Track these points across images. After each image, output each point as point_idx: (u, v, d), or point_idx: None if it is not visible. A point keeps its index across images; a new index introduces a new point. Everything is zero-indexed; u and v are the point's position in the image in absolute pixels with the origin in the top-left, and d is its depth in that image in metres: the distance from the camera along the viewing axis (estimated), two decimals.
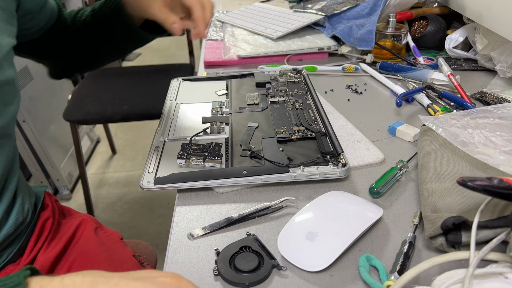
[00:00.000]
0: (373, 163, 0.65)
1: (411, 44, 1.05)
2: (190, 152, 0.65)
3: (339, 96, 0.88)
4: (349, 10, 1.12)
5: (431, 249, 0.50)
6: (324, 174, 0.60)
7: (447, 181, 0.53)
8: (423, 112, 0.81)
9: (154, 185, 0.60)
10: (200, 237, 0.53)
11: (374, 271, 0.47)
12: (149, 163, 0.64)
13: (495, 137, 0.56)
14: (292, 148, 0.66)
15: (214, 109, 0.80)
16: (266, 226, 0.55)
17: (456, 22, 1.13)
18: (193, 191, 0.61)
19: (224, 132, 0.72)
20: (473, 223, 0.44)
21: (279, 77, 0.92)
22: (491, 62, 0.93)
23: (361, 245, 0.51)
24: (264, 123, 0.74)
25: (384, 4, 1.03)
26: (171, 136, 0.72)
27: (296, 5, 1.34)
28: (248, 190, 0.61)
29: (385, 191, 0.59)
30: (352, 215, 0.52)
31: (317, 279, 0.47)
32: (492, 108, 0.64)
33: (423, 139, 0.64)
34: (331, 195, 0.56)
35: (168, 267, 0.49)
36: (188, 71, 1.85)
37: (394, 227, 0.54)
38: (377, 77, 0.94)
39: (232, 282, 0.46)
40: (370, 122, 0.78)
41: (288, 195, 0.58)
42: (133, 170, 2.11)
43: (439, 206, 0.50)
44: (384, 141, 0.72)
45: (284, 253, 0.49)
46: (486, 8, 0.88)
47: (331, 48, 1.08)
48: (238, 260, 0.48)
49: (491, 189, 0.40)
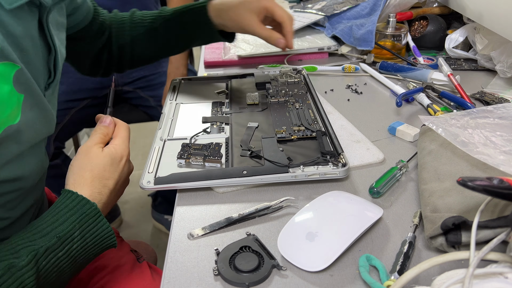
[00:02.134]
0: (373, 163, 0.65)
1: (411, 44, 1.05)
2: (190, 152, 0.65)
3: (339, 96, 0.88)
4: (349, 10, 1.12)
5: (431, 249, 0.50)
6: (324, 174, 0.60)
7: (447, 181, 0.53)
8: (423, 112, 0.81)
9: (154, 185, 0.60)
10: (200, 237, 0.53)
11: (374, 271, 0.47)
12: (149, 163, 0.64)
13: (495, 137, 0.56)
14: (292, 148, 0.66)
15: (214, 109, 0.80)
16: (266, 226, 0.55)
17: (456, 22, 1.12)
18: (193, 191, 0.61)
19: (224, 132, 0.72)
20: (473, 223, 0.44)
21: (279, 77, 0.92)
22: (491, 62, 0.93)
23: (361, 245, 0.51)
24: (264, 123, 0.74)
25: (384, 4, 1.03)
26: (171, 136, 0.72)
27: (296, 5, 1.34)
28: (248, 190, 0.61)
29: (385, 191, 0.59)
30: (352, 215, 0.52)
31: (317, 279, 0.47)
32: (492, 108, 0.64)
33: (423, 139, 0.64)
34: (331, 195, 0.56)
35: (168, 267, 0.49)
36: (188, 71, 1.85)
37: (394, 227, 0.54)
38: (377, 77, 0.94)
39: (232, 282, 0.46)
40: (370, 122, 0.78)
41: (288, 195, 0.58)
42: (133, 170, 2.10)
43: (439, 206, 0.50)
44: (384, 141, 0.72)
45: (284, 253, 0.49)
46: (486, 8, 0.88)
47: (331, 48, 1.08)
48: (238, 260, 0.48)
49: (491, 189, 0.40)
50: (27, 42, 0.54)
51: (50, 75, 0.60)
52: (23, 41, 0.53)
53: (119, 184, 0.63)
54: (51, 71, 0.60)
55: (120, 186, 0.63)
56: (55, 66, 0.60)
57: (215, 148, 0.66)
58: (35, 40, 0.56)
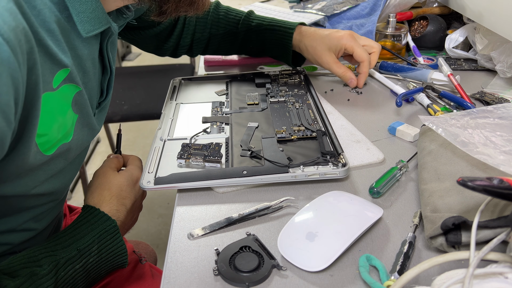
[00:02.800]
0: (373, 163, 0.65)
1: (411, 44, 1.05)
2: (190, 152, 0.65)
3: (339, 96, 0.88)
4: (349, 10, 1.12)
5: (431, 249, 0.50)
6: (324, 174, 0.60)
7: (447, 181, 0.53)
8: (423, 112, 0.80)
9: (154, 185, 0.60)
10: (200, 237, 0.53)
11: (374, 271, 0.47)
12: (149, 163, 0.64)
13: (495, 137, 0.56)
14: (292, 148, 0.66)
15: (214, 109, 0.80)
16: (266, 226, 0.55)
17: (456, 22, 1.12)
18: (193, 191, 0.61)
19: (224, 132, 0.72)
20: (473, 223, 0.44)
21: (279, 77, 0.92)
22: (491, 62, 0.93)
23: (361, 245, 0.51)
24: (264, 123, 0.74)
25: (384, 4, 1.03)
26: (171, 136, 0.72)
27: (296, 5, 1.34)
28: (248, 190, 0.61)
29: (385, 191, 0.59)
30: (352, 215, 0.52)
31: (317, 279, 0.47)
32: (492, 108, 0.64)
33: (423, 139, 0.64)
34: (331, 195, 0.56)
35: (168, 267, 0.49)
36: (188, 71, 1.85)
37: (394, 227, 0.54)
38: (377, 77, 0.94)
39: (232, 282, 0.46)
40: (370, 122, 0.78)
41: (288, 195, 0.58)
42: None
43: (439, 206, 0.50)
44: (384, 141, 0.72)
45: (284, 253, 0.49)
46: (486, 8, 0.88)
47: None
48: (238, 260, 0.48)
49: (491, 189, 0.40)
50: (89, 64, 0.55)
51: (102, 94, 0.62)
52: (86, 63, 0.55)
53: (135, 205, 0.65)
54: (104, 90, 0.62)
55: (136, 208, 0.65)
56: (108, 86, 0.62)
57: (215, 148, 0.66)
58: (95, 62, 0.57)
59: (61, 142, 0.52)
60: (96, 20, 0.52)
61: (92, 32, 0.52)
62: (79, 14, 0.50)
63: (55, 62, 0.48)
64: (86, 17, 0.51)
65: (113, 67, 0.62)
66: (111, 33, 0.58)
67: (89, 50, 0.55)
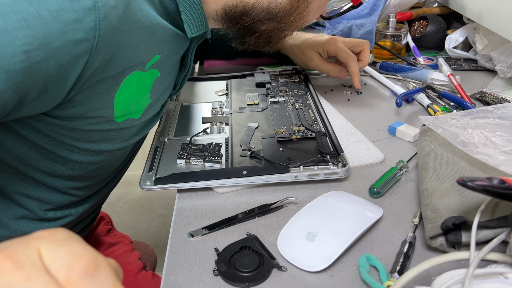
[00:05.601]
0: (373, 163, 0.65)
1: (411, 44, 1.05)
2: (190, 152, 0.65)
3: (339, 96, 0.88)
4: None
5: (431, 249, 0.50)
6: (324, 174, 0.60)
7: (447, 181, 0.53)
8: (423, 112, 0.81)
9: (154, 185, 0.60)
10: (200, 237, 0.53)
11: (374, 271, 0.47)
12: (149, 163, 0.64)
13: (495, 137, 0.56)
14: (292, 148, 0.66)
15: (214, 109, 0.80)
16: (266, 226, 0.55)
17: (456, 22, 1.12)
18: (193, 191, 0.61)
19: (224, 132, 0.72)
20: (473, 223, 0.44)
21: (279, 77, 0.92)
22: (491, 62, 0.93)
23: (361, 245, 0.51)
24: (264, 123, 0.74)
25: (384, 4, 1.03)
26: (171, 136, 0.72)
27: None
28: (248, 190, 0.61)
29: (385, 191, 0.59)
30: (352, 215, 0.52)
31: (317, 279, 0.47)
32: (492, 108, 0.64)
33: (423, 139, 0.64)
34: (331, 195, 0.56)
35: (168, 267, 0.49)
36: None
37: (394, 227, 0.54)
38: (377, 77, 0.94)
39: (232, 282, 0.46)
40: (370, 122, 0.78)
41: (288, 195, 0.58)
42: (133, 170, 2.10)
43: (439, 206, 0.50)
44: (384, 141, 0.72)
45: (284, 253, 0.49)
46: (486, 8, 0.88)
47: None
48: (238, 260, 0.48)
49: (491, 189, 0.40)
50: (174, 60, 0.61)
51: (175, 87, 0.67)
52: (173, 59, 0.60)
53: None
54: (177, 84, 0.67)
55: None
56: (182, 81, 0.67)
57: (215, 148, 0.66)
58: (178, 59, 0.63)
59: (131, 115, 0.57)
60: (200, 24, 0.59)
61: (195, 33, 0.59)
62: (187, 17, 0.57)
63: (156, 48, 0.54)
64: (193, 20, 0.58)
65: (191, 65, 0.68)
66: (203, 37, 0.64)
67: (177, 47, 0.60)
